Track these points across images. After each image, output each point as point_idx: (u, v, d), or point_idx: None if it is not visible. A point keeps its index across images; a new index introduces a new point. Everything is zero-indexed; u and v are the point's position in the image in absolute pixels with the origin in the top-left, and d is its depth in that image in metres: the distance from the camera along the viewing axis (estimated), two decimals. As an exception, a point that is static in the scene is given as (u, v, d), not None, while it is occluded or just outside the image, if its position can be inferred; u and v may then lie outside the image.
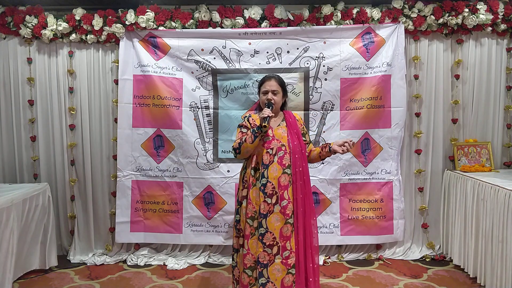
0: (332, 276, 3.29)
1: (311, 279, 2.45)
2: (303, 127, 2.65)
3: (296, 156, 2.49)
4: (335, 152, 2.52)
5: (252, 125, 2.52)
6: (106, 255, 3.64)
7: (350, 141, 2.47)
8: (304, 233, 2.46)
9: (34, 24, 3.50)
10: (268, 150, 2.48)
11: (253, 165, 2.51)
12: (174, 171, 3.60)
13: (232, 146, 2.53)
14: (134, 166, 3.61)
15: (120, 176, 3.60)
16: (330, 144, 2.55)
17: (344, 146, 2.47)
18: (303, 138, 2.61)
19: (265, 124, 2.38)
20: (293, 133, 2.54)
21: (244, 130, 2.55)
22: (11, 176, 3.69)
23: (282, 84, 2.62)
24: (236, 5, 3.49)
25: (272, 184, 2.43)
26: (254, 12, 3.47)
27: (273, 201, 2.43)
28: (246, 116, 2.64)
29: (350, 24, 3.50)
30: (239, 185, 2.61)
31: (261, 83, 2.64)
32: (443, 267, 3.45)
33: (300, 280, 2.43)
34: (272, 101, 2.52)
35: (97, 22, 3.47)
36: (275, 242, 2.41)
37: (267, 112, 2.41)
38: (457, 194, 3.37)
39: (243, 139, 2.46)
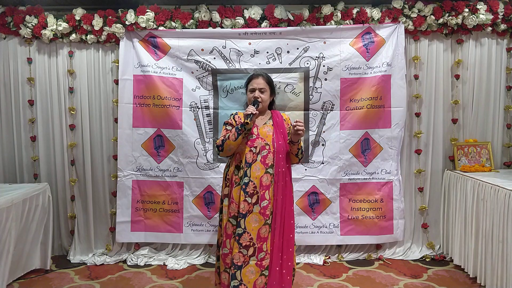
0: (332, 276, 3.29)
1: (274, 282, 2.39)
2: (290, 126, 2.59)
3: (280, 156, 2.46)
4: (293, 140, 2.43)
5: (237, 122, 2.50)
6: (106, 255, 3.64)
7: (296, 121, 2.38)
8: (279, 235, 2.42)
9: (34, 24, 3.50)
10: (252, 148, 2.44)
11: (236, 163, 2.48)
12: (174, 171, 3.61)
13: (216, 143, 2.50)
14: (134, 166, 3.61)
15: (120, 176, 3.60)
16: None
17: (294, 130, 2.37)
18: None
19: (247, 121, 2.35)
20: (278, 132, 2.51)
21: (229, 127, 2.51)
22: (11, 176, 3.69)
23: (269, 82, 2.59)
24: (236, 5, 3.49)
25: (254, 184, 2.40)
26: (254, 12, 3.47)
27: (253, 200, 2.39)
28: (232, 114, 2.60)
29: (350, 24, 3.50)
30: (222, 183, 2.59)
31: (248, 81, 2.61)
32: (443, 267, 3.45)
33: (271, 283, 2.39)
34: (259, 99, 2.49)
35: (97, 22, 3.47)
36: (251, 243, 2.38)
37: (251, 109, 2.39)
38: (457, 194, 3.37)
39: (227, 136, 2.43)
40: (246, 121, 2.36)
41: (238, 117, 2.54)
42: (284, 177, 2.47)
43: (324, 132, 3.57)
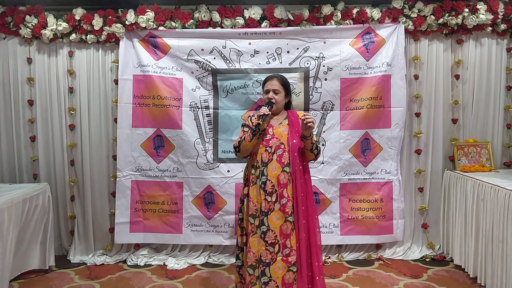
0: (332, 276, 3.28)
1: (317, 278, 2.46)
2: None
3: (295, 154, 2.50)
4: (305, 136, 2.44)
5: (253, 123, 2.55)
6: (106, 255, 3.64)
7: (304, 115, 2.41)
8: (307, 232, 2.47)
9: (34, 24, 3.50)
10: (267, 148, 2.50)
11: (252, 163, 2.55)
12: (174, 171, 3.60)
13: (233, 145, 2.59)
14: (133, 166, 3.60)
15: (119, 176, 3.59)
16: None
17: (304, 124, 2.38)
18: None
19: (259, 121, 2.42)
20: (293, 131, 2.55)
21: (246, 129, 2.59)
22: (11, 176, 3.69)
23: (284, 84, 2.63)
24: (236, 5, 3.49)
25: (272, 182, 2.45)
26: (254, 12, 3.47)
27: (273, 199, 2.45)
28: (249, 116, 2.67)
29: (350, 24, 3.50)
30: (242, 184, 2.66)
31: (264, 82, 2.67)
32: (443, 267, 3.45)
33: (302, 278, 2.43)
34: (273, 100, 2.55)
35: (97, 22, 3.47)
36: (276, 240, 2.43)
37: (263, 110, 2.45)
38: (457, 194, 3.37)
39: (243, 138, 2.52)
40: (258, 121, 2.43)
41: (255, 118, 2.58)
42: (302, 175, 2.51)
43: (324, 132, 3.57)
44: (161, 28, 3.50)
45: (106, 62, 3.66)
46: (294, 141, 2.52)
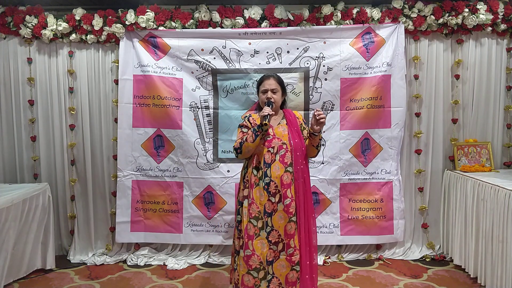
0: (332, 276, 3.29)
1: (307, 276, 2.46)
2: (302, 123, 2.63)
3: (298, 153, 2.50)
4: (315, 131, 2.44)
5: (252, 124, 2.53)
6: (106, 255, 3.65)
7: (316, 110, 2.41)
8: (305, 231, 2.47)
9: (34, 24, 3.50)
10: (270, 149, 2.49)
11: (254, 165, 2.51)
12: (174, 171, 3.61)
13: (233, 146, 2.53)
14: (134, 166, 3.61)
15: (120, 176, 3.60)
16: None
17: (316, 119, 2.40)
18: (302, 134, 2.59)
19: (266, 122, 2.38)
20: (293, 130, 2.55)
21: (245, 130, 2.55)
22: (11, 176, 3.69)
23: (281, 83, 2.64)
24: (236, 5, 3.49)
25: (275, 183, 2.44)
26: (254, 12, 3.47)
27: (276, 199, 2.45)
28: (246, 116, 2.64)
29: (350, 24, 3.50)
30: (240, 185, 2.62)
31: (260, 82, 2.65)
32: (443, 267, 3.45)
33: (302, 277, 2.44)
34: (272, 100, 2.53)
35: (97, 22, 3.47)
36: (280, 239, 2.44)
37: (267, 110, 2.41)
38: (457, 194, 3.37)
39: (244, 139, 2.47)
40: (264, 122, 2.38)
41: (253, 119, 2.56)
42: (302, 174, 2.51)
43: (324, 132, 3.56)
44: (161, 28, 3.50)
45: (106, 62, 3.67)
46: (296, 140, 2.52)
